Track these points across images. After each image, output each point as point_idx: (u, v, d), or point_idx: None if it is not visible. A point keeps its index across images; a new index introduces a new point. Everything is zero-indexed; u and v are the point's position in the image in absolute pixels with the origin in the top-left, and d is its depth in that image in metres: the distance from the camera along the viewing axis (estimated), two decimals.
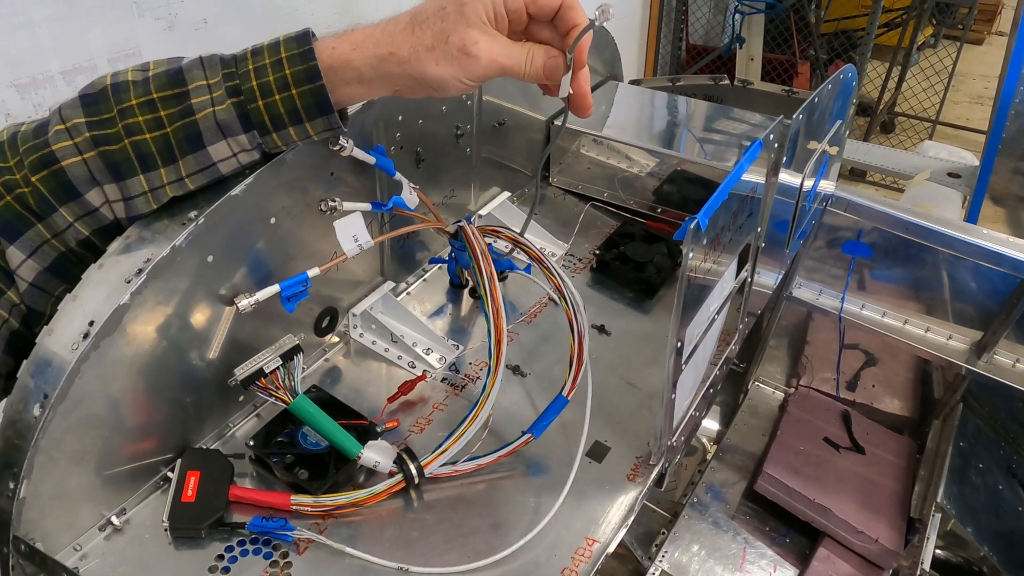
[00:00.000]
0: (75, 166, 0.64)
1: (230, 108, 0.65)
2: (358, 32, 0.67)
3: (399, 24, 0.66)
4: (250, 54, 0.67)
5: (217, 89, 0.65)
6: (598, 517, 0.80)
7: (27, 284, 0.67)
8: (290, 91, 0.66)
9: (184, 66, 0.66)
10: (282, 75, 0.65)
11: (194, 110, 0.65)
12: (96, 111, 0.65)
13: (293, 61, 0.65)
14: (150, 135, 0.65)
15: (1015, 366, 1.30)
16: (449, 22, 0.65)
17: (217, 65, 0.66)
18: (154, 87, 0.65)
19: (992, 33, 6.08)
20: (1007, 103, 2.19)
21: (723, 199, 0.70)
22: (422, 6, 0.66)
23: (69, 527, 0.71)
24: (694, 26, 4.46)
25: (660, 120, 1.37)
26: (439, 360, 0.97)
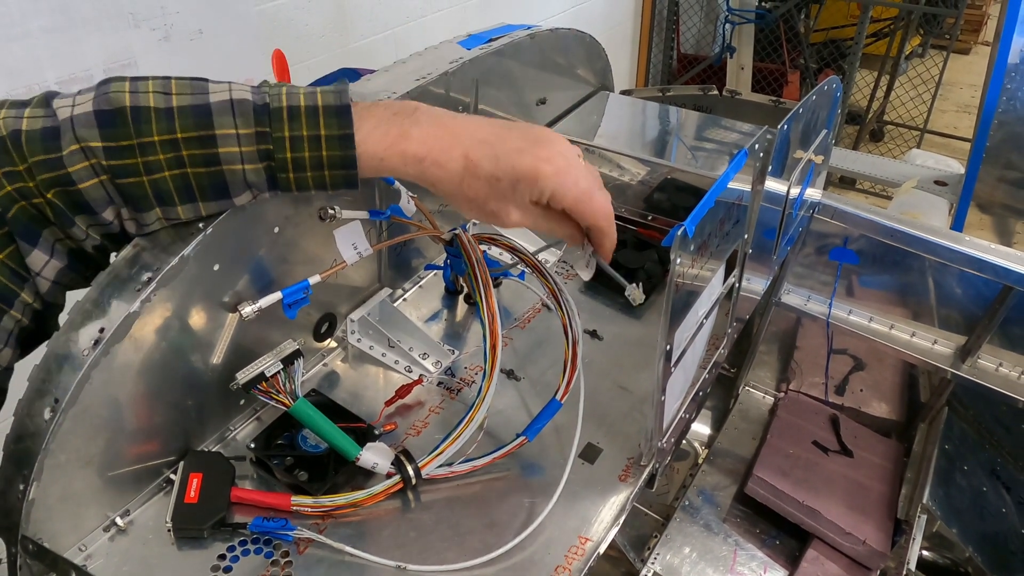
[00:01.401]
0: (92, 188, 0.62)
1: (261, 172, 0.65)
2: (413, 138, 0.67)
3: (452, 157, 0.67)
4: (286, 115, 0.64)
5: (247, 144, 0.63)
6: (591, 516, 0.82)
7: (49, 282, 0.67)
8: (323, 171, 0.66)
9: (213, 106, 0.63)
10: (318, 155, 0.65)
11: (220, 160, 0.63)
12: (113, 135, 0.61)
13: (332, 144, 0.65)
14: (169, 174, 0.63)
15: (998, 370, 1.33)
16: (496, 195, 0.68)
17: (249, 115, 0.63)
18: (179, 126, 0.62)
19: (979, 43, 6.15)
20: (990, 112, 2.23)
21: (709, 207, 0.73)
22: (479, 156, 0.67)
23: (75, 528, 0.72)
24: (685, 35, 4.51)
25: (650, 129, 1.40)
26: (435, 364, 0.99)
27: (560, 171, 0.68)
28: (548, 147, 0.69)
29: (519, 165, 0.67)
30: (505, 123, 0.71)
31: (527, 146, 0.68)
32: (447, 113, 0.70)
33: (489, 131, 0.69)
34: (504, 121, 0.71)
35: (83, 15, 1.67)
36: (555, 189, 0.68)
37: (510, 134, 0.69)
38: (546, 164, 0.67)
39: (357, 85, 0.99)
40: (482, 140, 0.68)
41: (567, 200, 0.69)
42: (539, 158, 0.68)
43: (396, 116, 0.67)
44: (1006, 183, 2.36)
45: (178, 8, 1.83)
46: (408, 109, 0.68)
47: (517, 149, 0.68)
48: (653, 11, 4.23)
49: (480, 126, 0.69)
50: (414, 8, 2.68)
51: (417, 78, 0.99)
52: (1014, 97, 2.20)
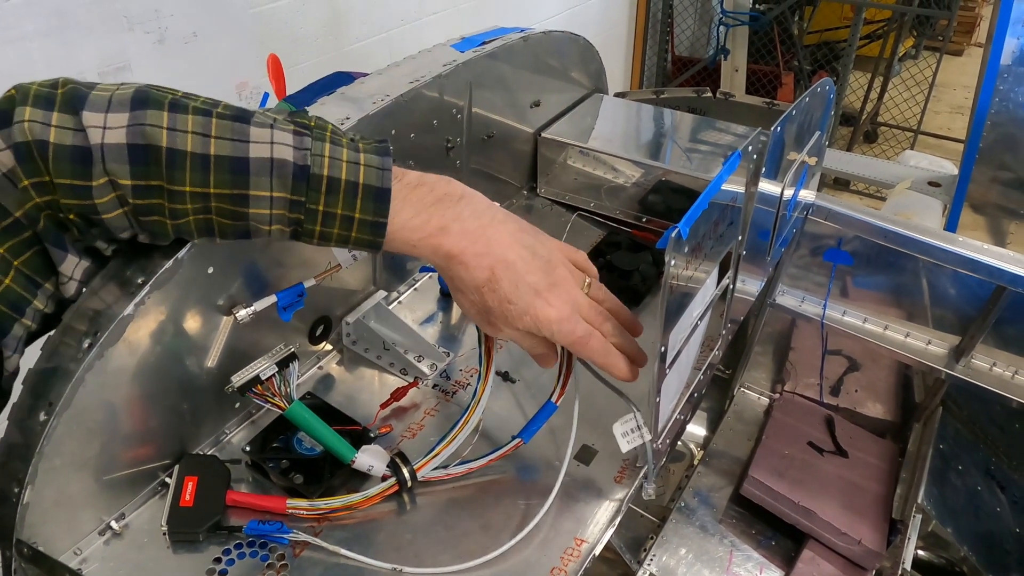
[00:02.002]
0: (116, 218, 0.62)
1: (286, 233, 0.65)
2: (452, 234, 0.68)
3: (481, 266, 0.69)
4: (324, 187, 0.63)
5: (279, 208, 0.62)
6: (586, 518, 0.83)
7: (77, 283, 0.67)
8: (347, 244, 0.67)
9: (252, 163, 0.60)
10: (347, 235, 0.65)
11: (248, 217, 0.63)
12: (144, 173, 0.59)
13: (363, 228, 0.65)
14: (194, 219, 0.63)
15: (992, 370, 1.33)
16: (502, 314, 0.71)
17: (288, 179, 0.61)
18: (213, 180, 0.60)
19: (971, 44, 6.18)
20: (983, 113, 2.24)
21: (703, 208, 0.73)
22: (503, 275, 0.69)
23: (70, 532, 0.72)
24: (679, 38, 4.52)
25: (645, 132, 1.40)
26: (431, 367, 0.99)
27: (563, 319, 0.72)
28: (559, 294, 0.72)
29: (532, 303, 0.71)
30: (531, 244, 0.72)
31: (544, 287, 0.71)
32: (488, 209, 0.71)
33: (519, 252, 0.70)
34: (531, 239, 0.73)
35: (77, 18, 1.67)
36: (555, 333, 0.73)
37: (534, 262, 0.71)
38: (551, 311, 0.71)
39: (352, 88, 0.99)
40: (511, 261, 0.70)
41: (563, 342, 0.75)
42: (548, 303, 0.71)
43: (439, 204, 0.68)
44: (999, 184, 2.37)
45: (172, 11, 1.83)
46: (453, 197, 0.69)
47: (535, 287, 0.71)
48: (647, 14, 4.24)
49: (514, 241, 0.71)
50: (408, 11, 2.68)
51: (411, 81, 0.99)
52: (1006, 98, 2.21)
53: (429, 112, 1.03)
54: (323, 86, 1.30)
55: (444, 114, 1.05)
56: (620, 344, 0.78)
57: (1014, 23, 2.12)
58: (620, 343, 0.78)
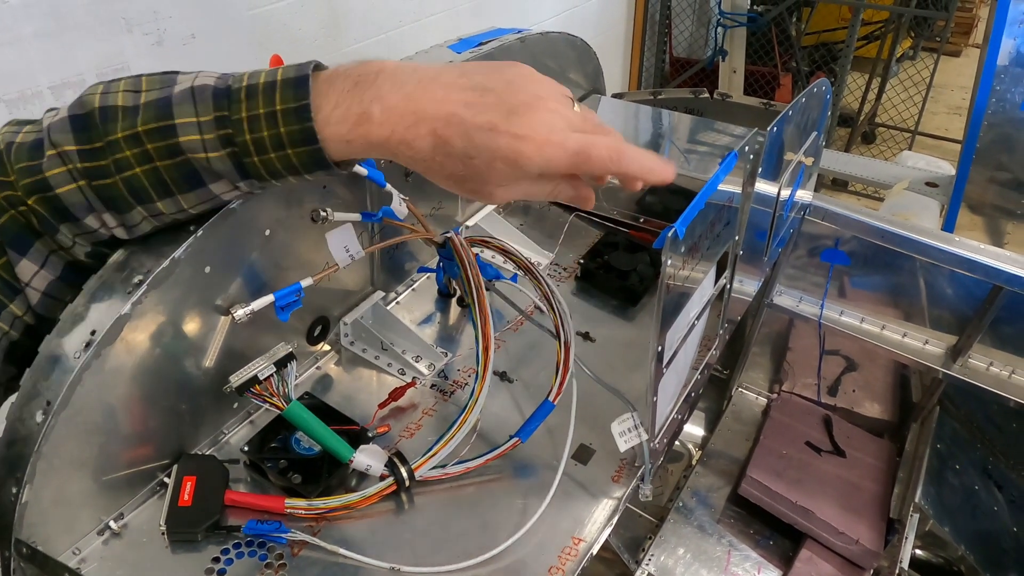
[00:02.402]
0: (70, 194, 0.62)
1: (226, 159, 0.61)
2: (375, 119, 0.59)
3: (419, 135, 0.59)
4: (244, 95, 0.61)
5: (208, 131, 0.61)
6: (584, 517, 0.83)
7: (39, 294, 0.67)
8: (286, 150, 0.61)
9: (174, 97, 0.61)
10: (276, 133, 0.60)
11: (183, 149, 0.61)
12: (86, 138, 0.61)
13: (288, 118, 0.60)
14: (140, 169, 0.62)
15: (989, 369, 1.33)
16: (473, 174, 0.61)
17: (209, 101, 0.61)
18: (141, 120, 0.61)
19: (969, 45, 6.18)
20: (980, 114, 2.24)
21: (700, 208, 0.73)
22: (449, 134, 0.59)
23: (68, 531, 0.72)
24: (677, 39, 4.52)
25: (642, 132, 1.40)
26: (428, 367, 0.99)
27: (542, 145, 0.59)
28: (526, 119, 0.59)
29: (495, 146, 0.59)
30: (480, 82, 0.60)
31: (502, 121, 0.58)
32: (413, 75, 0.61)
33: (460, 100, 0.59)
34: (480, 75, 0.61)
35: (76, 20, 1.67)
36: (542, 166, 0.60)
37: (484, 101, 0.59)
38: (524, 143, 0.58)
39: None
40: (451, 114, 0.59)
41: (560, 170, 0.61)
42: (516, 136, 0.58)
43: (356, 88, 0.60)
44: (996, 184, 2.38)
45: (171, 13, 1.83)
46: (369, 76, 0.60)
47: (490, 126, 0.58)
48: (645, 15, 4.24)
49: (449, 94, 0.59)
50: (407, 12, 2.68)
51: None
52: (1003, 99, 2.22)
53: None
54: None
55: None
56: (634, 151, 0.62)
57: (1011, 24, 2.13)
58: (631, 150, 0.62)
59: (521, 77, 0.62)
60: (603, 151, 0.60)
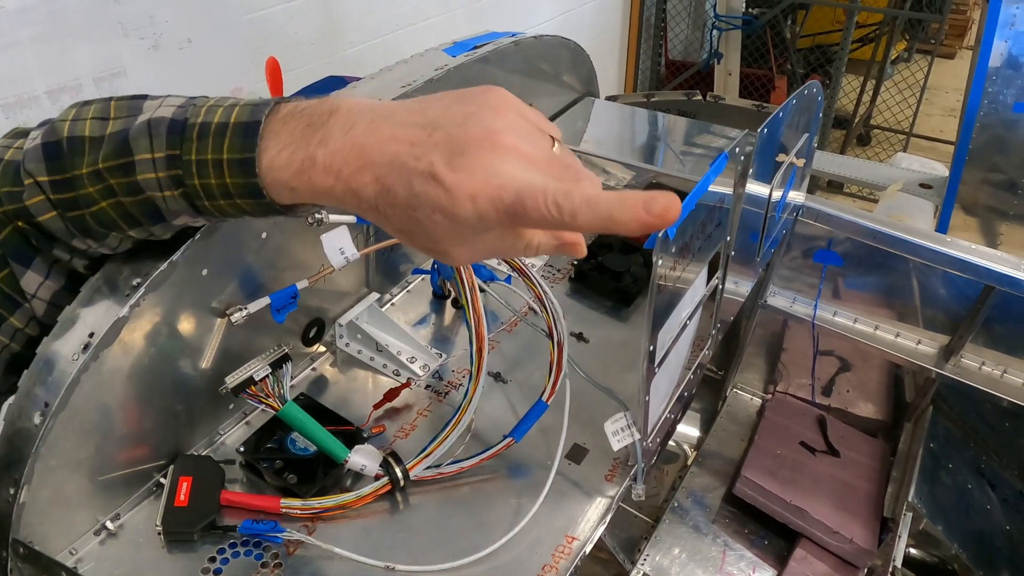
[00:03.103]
0: (51, 221, 0.61)
1: (179, 199, 0.58)
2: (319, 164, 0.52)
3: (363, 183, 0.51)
4: (196, 134, 0.57)
5: (162, 169, 0.57)
6: (577, 516, 0.84)
7: (45, 304, 0.66)
8: (234, 199, 0.57)
9: (132, 133, 0.58)
10: (223, 183, 0.56)
11: (142, 187, 0.58)
12: (57, 167, 0.59)
13: (233, 171, 0.55)
14: (106, 204, 0.60)
15: (981, 369, 1.34)
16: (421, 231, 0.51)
17: (163, 136, 0.57)
18: (102, 155, 0.58)
19: (963, 47, 6.21)
20: (972, 115, 2.26)
21: (691, 209, 0.74)
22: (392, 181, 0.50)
23: (65, 532, 0.73)
24: (673, 42, 4.54)
25: (636, 135, 1.41)
26: (423, 368, 1.00)
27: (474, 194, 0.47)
28: (467, 160, 0.48)
29: (433, 195, 0.48)
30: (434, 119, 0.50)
31: (441, 164, 0.48)
32: (368, 113, 0.53)
33: (406, 140, 0.50)
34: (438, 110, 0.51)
35: (72, 25, 1.67)
36: (475, 219, 0.48)
37: (430, 141, 0.49)
38: (457, 190, 0.47)
39: (344, 92, 1.00)
40: (394, 156, 0.50)
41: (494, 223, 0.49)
42: (448, 188, 0.47)
43: (307, 130, 0.54)
44: (990, 185, 2.39)
45: (167, 17, 1.84)
46: (322, 117, 0.54)
47: (429, 171, 0.48)
48: (641, 18, 4.26)
49: (396, 133, 0.51)
50: (403, 16, 2.69)
51: (403, 85, 1.00)
52: (995, 100, 2.23)
53: None
54: (316, 89, 1.31)
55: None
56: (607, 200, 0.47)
57: (1002, 26, 2.14)
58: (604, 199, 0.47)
59: (486, 108, 0.51)
60: (539, 198, 0.46)
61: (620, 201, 0.46)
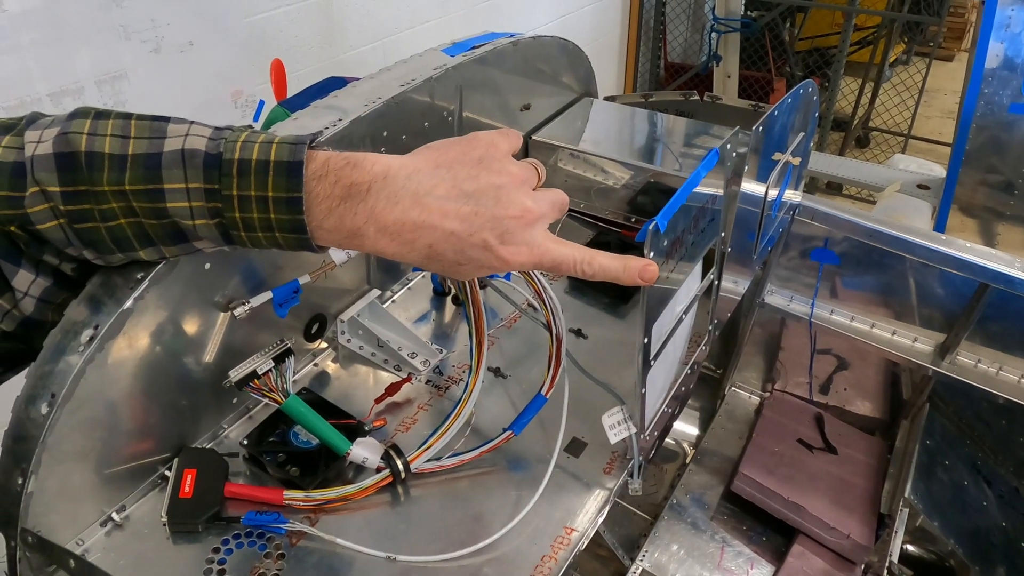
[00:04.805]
0: (52, 230, 0.61)
1: (213, 228, 0.62)
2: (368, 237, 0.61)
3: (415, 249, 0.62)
4: (236, 170, 0.60)
5: (197, 200, 0.60)
6: (576, 508, 0.85)
7: (35, 300, 0.66)
8: (274, 233, 0.61)
9: (163, 159, 0.60)
10: (267, 217, 0.60)
11: (170, 214, 0.61)
12: (71, 179, 0.60)
13: (279, 208, 0.60)
14: (125, 221, 0.61)
15: (977, 366, 1.35)
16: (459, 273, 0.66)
17: (199, 169, 0.60)
18: (128, 177, 0.59)
19: (961, 50, 6.22)
20: (969, 117, 2.27)
21: (681, 203, 0.76)
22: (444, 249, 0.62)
23: (72, 522, 0.74)
24: (672, 44, 4.56)
25: (634, 134, 1.42)
26: (423, 363, 1.01)
27: (527, 263, 0.65)
28: (517, 238, 0.63)
29: (484, 259, 0.63)
30: (471, 193, 0.62)
31: (494, 241, 0.62)
32: (405, 185, 0.61)
33: (456, 216, 0.61)
34: (469, 183, 0.63)
35: (74, 28, 1.69)
36: (520, 267, 0.66)
37: (478, 220, 0.62)
38: (512, 258, 0.63)
39: (344, 91, 1.02)
40: (449, 233, 0.61)
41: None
42: (503, 258, 0.63)
43: (349, 200, 0.60)
44: (987, 186, 2.40)
45: (168, 20, 1.85)
46: (361, 189, 0.61)
47: (484, 245, 0.62)
48: (640, 21, 4.28)
49: (445, 208, 0.61)
50: (402, 19, 2.71)
51: (401, 84, 1.02)
52: (991, 101, 2.24)
53: (420, 115, 1.05)
54: (317, 90, 1.33)
55: (435, 117, 1.08)
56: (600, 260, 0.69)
57: (998, 27, 2.16)
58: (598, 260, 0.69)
59: (504, 175, 0.64)
60: (571, 264, 0.67)
61: (624, 268, 0.68)
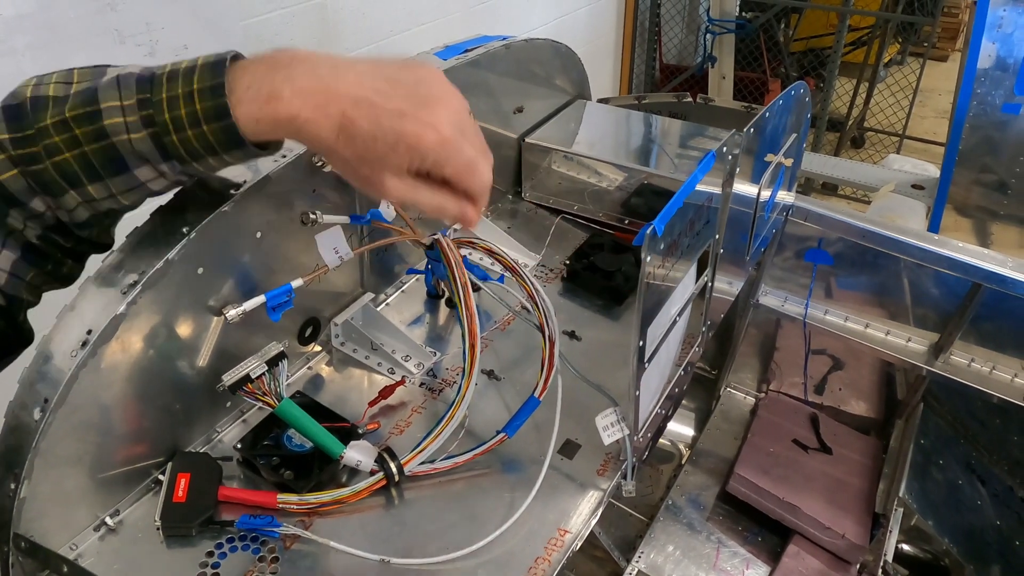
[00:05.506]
0: (12, 180, 0.65)
1: (147, 139, 0.64)
2: (284, 98, 0.63)
3: (327, 114, 0.63)
4: (166, 79, 0.64)
5: (131, 114, 0.63)
6: (569, 509, 0.85)
7: (6, 274, 0.68)
8: (201, 127, 0.63)
9: (100, 85, 0.64)
10: (193, 110, 0.62)
11: (108, 132, 0.63)
12: (18, 127, 0.64)
13: (204, 96, 0.62)
14: (69, 154, 0.64)
15: (970, 366, 1.36)
16: (372, 157, 0.65)
17: (132, 86, 0.64)
18: (68, 107, 0.63)
19: (956, 50, 6.23)
20: (962, 117, 2.28)
21: (678, 207, 0.76)
22: (357, 115, 0.63)
23: (65, 527, 0.74)
24: (667, 46, 4.56)
25: (627, 136, 1.43)
26: (417, 366, 1.01)
27: (445, 141, 0.65)
28: (435, 111, 0.65)
29: (401, 129, 0.63)
30: (392, 74, 0.66)
31: (411, 108, 0.64)
32: (327, 62, 0.65)
33: (372, 87, 0.64)
34: (392, 69, 0.66)
35: (69, 32, 1.69)
36: (437, 159, 0.65)
37: (395, 91, 0.64)
38: (431, 131, 0.64)
39: None
40: (362, 98, 0.63)
41: (447, 170, 0.67)
42: (424, 123, 0.64)
43: (271, 71, 0.64)
44: (981, 186, 2.41)
45: (163, 24, 1.85)
46: (283, 61, 0.64)
47: (400, 112, 0.63)
48: (635, 23, 4.28)
49: (362, 80, 0.64)
50: (398, 22, 2.71)
51: None
52: (984, 101, 2.25)
53: None
54: None
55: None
56: None
57: (990, 27, 2.16)
58: None
59: (431, 75, 0.67)
60: (484, 172, 0.69)
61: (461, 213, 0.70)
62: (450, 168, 0.67)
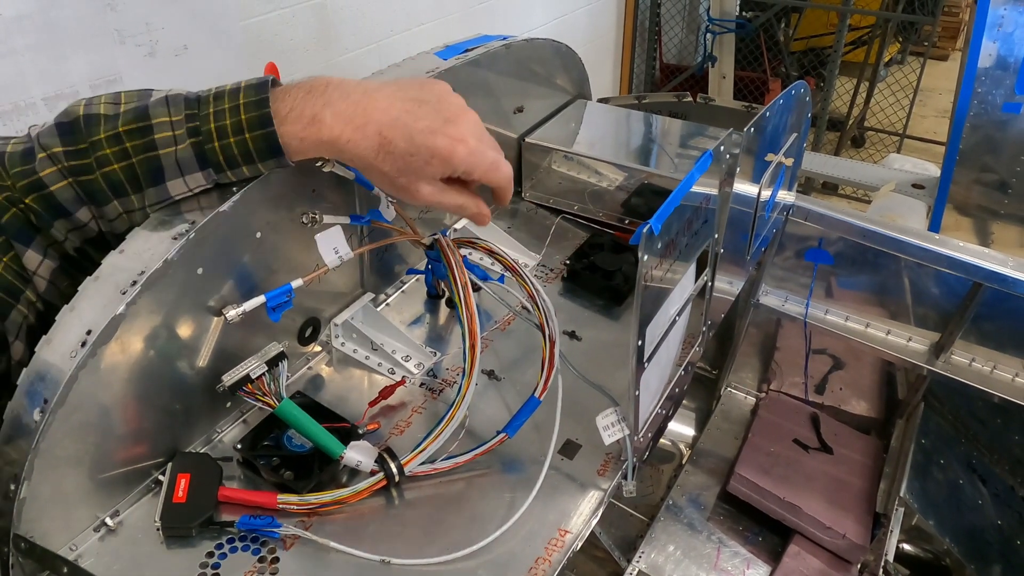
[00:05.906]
0: (62, 190, 0.72)
1: (189, 148, 0.71)
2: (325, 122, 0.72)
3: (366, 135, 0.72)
4: (212, 97, 0.72)
5: (179, 128, 0.71)
6: (570, 510, 0.85)
7: (46, 282, 0.75)
8: (244, 135, 0.71)
9: (151, 104, 0.72)
10: (238, 120, 0.71)
11: (157, 145, 0.71)
12: (72, 140, 0.71)
13: (249, 108, 0.71)
14: (118, 165, 0.71)
15: (971, 365, 1.36)
16: (408, 170, 0.74)
17: (181, 104, 0.72)
18: (121, 122, 0.71)
19: (956, 49, 6.23)
20: (962, 116, 2.27)
21: (675, 206, 0.76)
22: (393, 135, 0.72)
23: (65, 528, 0.74)
24: (667, 46, 4.56)
25: (627, 136, 1.43)
26: (417, 366, 1.01)
27: (473, 151, 0.75)
28: (458, 126, 0.75)
29: (433, 145, 0.73)
30: (415, 94, 0.75)
31: (439, 126, 0.73)
32: (358, 87, 0.74)
33: (401, 109, 0.73)
34: (413, 89, 0.76)
35: (69, 32, 1.69)
36: (467, 167, 0.76)
37: (421, 111, 0.74)
38: (461, 145, 0.74)
39: None
40: (394, 118, 0.72)
41: (477, 173, 0.77)
42: (453, 138, 0.74)
43: (309, 96, 0.72)
44: (981, 185, 2.40)
45: (163, 24, 1.85)
46: (319, 88, 0.73)
47: (430, 129, 0.73)
48: (635, 22, 4.28)
49: (391, 103, 0.73)
50: (397, 22, 2.71)
51: None
52: (985, 100, 2.25)
53: None
54: None
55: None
56: None
57: (990, 27, 2.16)
58: None
59: (444, 91, 0.78)
60: (507, 168, 0.80)
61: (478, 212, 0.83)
62: (478, 172, 0.77)
